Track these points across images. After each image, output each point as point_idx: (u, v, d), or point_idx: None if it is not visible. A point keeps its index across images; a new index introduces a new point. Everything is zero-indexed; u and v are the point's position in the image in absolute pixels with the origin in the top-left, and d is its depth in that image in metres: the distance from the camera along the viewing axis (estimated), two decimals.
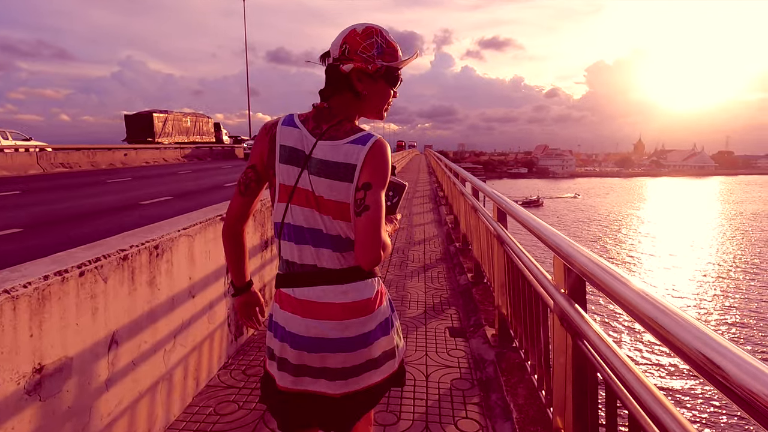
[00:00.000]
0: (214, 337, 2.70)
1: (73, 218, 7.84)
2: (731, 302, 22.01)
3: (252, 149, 1.25)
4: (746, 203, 71.06)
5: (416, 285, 4.47)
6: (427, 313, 3.71)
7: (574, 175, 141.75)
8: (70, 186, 12.72)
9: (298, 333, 1.17)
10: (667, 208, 63.70)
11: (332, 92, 1.19)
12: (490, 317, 3.46)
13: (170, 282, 2.21)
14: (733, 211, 60.78)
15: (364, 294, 1.18)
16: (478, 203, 4.19)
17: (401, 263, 5.33)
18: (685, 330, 0.81)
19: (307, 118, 1.19)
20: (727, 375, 0.68)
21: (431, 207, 10.45)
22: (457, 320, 3.57)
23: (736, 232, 43.68)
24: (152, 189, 12.65)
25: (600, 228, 46.88)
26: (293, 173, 1.16)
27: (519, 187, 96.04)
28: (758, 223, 50.37)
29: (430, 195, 12.96)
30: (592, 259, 1.39)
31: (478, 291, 4.07)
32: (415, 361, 2.88)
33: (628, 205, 67.84)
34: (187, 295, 2.39)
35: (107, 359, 1.78)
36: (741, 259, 31.81)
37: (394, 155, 26.59)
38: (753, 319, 19.41)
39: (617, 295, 1.13)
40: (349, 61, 1.15)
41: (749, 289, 24.14)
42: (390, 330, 1.24)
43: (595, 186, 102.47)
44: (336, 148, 1.14)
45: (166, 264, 2.18)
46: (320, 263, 1.16)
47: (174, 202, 10.43)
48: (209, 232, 2.63)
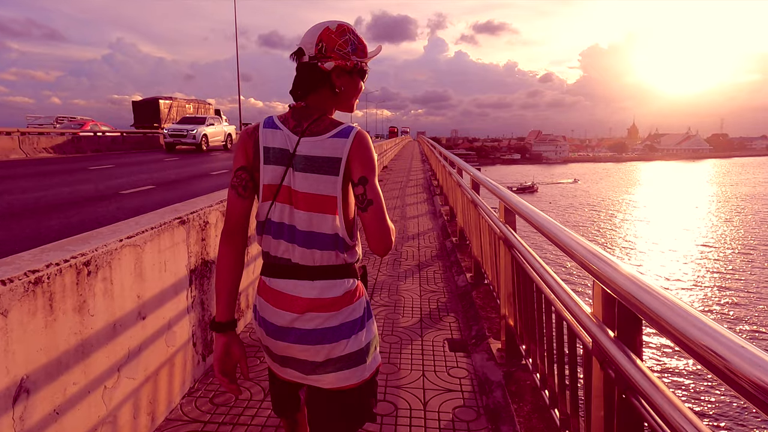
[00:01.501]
0: (175, 361, 2.30)
1: (41, 209, 7.33)
2: (727, 283, 22.03)
3: (236, 154, 1.24)
4: (740, 185, 71.30)
5: (411, 287, 4.08)
6: (423, 322, 3.33)
7: (568, 160, 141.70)
8: (49, 173, 12.13)
9: (269, 320, 1.21)
10: (661, 192, 63.77)
11: (310, 90, 1.21)
12: (494, 327, 3.09)
13: (109, 305, 1.79)
14: (728, 194, 60.95)
15: (332, 293, 1.18)
16: (479, 198, 3.78)
17: (394, 261, 4.93)
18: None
19: (287, 118, 1.22)
20: None
21: (425, 197, 10.04)
22: (456, 330, 3.19)
23: (730, 215, 43.74)
24: (135, 177, 12.12)
25: (594, 213, 46.81)
26: (278, 172, 1.18)
27: (512, 173, 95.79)
28: (752, 204, 50.49)
29: (424, 184, 12.53)
30: (656, 294, 1.00)
31: (479, 294, 3.69)
32: (411, 384, 2.50)
33: (621, 190, 67.85)
34: (136, 317, 1.97)
35: (11, 415, 1.37)
36: (735, 240, 31.84)
37: (386, 142, 25.88)
38: (747, 300, 19.43)
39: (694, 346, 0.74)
40: (327, 59, 1.17)
41: (744, 270, 24.17)
42: (358, 332, 1.21)
43: (588, 171, 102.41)
44: (319, 143, 1.16)
45: (103, 283, 1.76)
46: (294, 258, 1.18)
47: (157, 191, 9.94)
48: (165, 240, 2.21)
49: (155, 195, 9.15)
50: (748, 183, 74.90)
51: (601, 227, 39.11)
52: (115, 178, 11.56)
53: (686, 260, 27.03)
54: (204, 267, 2.64)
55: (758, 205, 49.65)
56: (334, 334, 1.17)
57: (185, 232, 2.43)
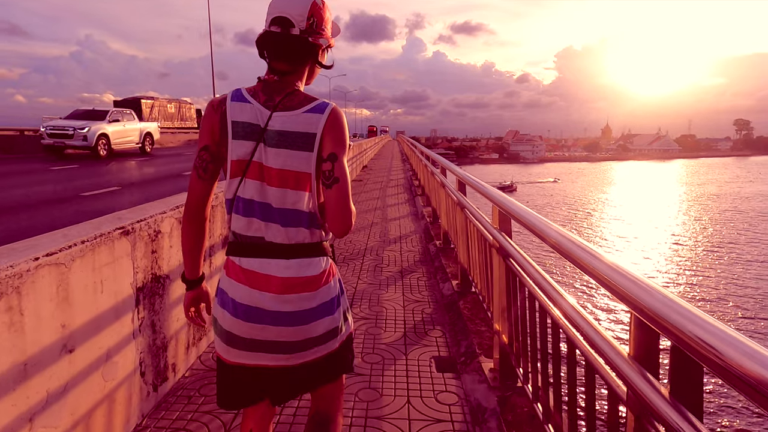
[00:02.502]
0: (116, 397, 1.94)
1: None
2: (697, 280, 22.53)
3: (201, 129, 1.20)
4: (707, 185, 73.49)
5: (393, 297, 3.77)
6: (407, 337, 3.02)
7: (544, 160, 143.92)
8: (3, 174, 11.36)
9: (240, 300, 1.15)
10: (634, 191, 65.24)
11: (298, 64, 1.17)
12: (484, 342, 2.81)
13: (17, 342, 1.43)
14: (696, 193, 62.74)
15: (308, 271, 1.15)
16: (466, 200, 3.51)
17: (375, 267, 4.62)
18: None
19: (256, 91, 1.17)
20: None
21: (407, 198, 9.75)
22: (444, 346, 2.90)
23: (698, 214, 45.00)
24: (101, 178, 11.47)
25: (572, 212, 47.49)
26: (248, 148, 1.13)
27: (491, 172, 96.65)
28: (719, 204, 52.05)
29: (405, 185, 12.25)
30: (730, 339, 0.72)
31: (467, 304, 3.41)
32: (394, 414, 2.19)
33: (597, 189, 69.14)
34: (59, 351, 1.61)
35: None
36: (703, 239, 32.71)
37: (365, 142, 25.58)
38: (716, 295, 19.90)
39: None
40: (319, 35, 1.16)
41: (712, 267, 24.81)
42: (335, 310, 1.20)
43: (564, 170, 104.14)
44: (293, 118, 1.13)
45: (7, 314, 1.40)
46: (267, 237, 1.15)
47: (123, 193, 9.38)
48: (102, 255, 1.85)
49: (123, 197, 8.61)
50: (714, 183, 77.28)
51: (579, 225, 39.71)
52: (80, 179, 10.87)
53: (661, 258, 27.61)
54: (156, 283, 2.27)
55: (725, 205, 51.23)
56: (313, 314, 1.15)
57: (130, 245, 2.06)
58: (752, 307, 18.38)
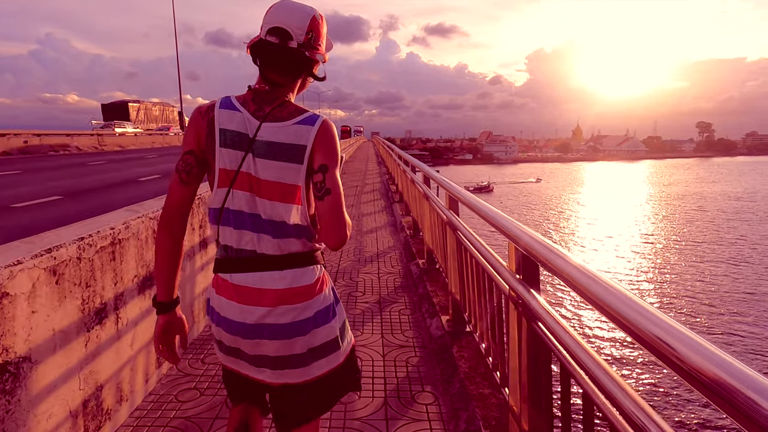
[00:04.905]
0: None
1: None
2: (664, 278, 22.88)
3: (186, 134, 1.16)
4: (672, 185, 75.56)
5: (370, 341, 3.03)
6: (388, 406, 2.29)
7: (517, 160, 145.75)
8: None
9: (233, 318, 1.13)
10: (604, 191, 66.45)
11: (294, 76, 1.16)
12: (490, 414, 2.12)
13: None
14: (663, 193, 64.35)
15: (302, 281, 1.14)
16: (460, 221, 2.82)
17: (348, 297, 3.87)
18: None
19: (246, 100, 1.16)
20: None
21: (383, 205, 9.03)
22: (437, 420, 2.19)
23: (664, 213, 46.01)
24: (42, 185, 10.33)
25: (545, 212, 47.81)
26: (236, 157, 1.11)
27: (465, 173, 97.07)
28: (683, 203, 53.39)
29: (381, 190, 11.52)
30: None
31: (462, 351, 2.71)
32: None
33: (568, 189, 70.10)
34: None
35: None
36: (670, 238, 33.39)
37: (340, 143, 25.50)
38: (684, 293, 20.29)
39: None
40: (316, 50, 1.17)
41: (676, 264, 25.30)
42: (331, 319, 1.19)
43: (537, 171, 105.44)
44: (283, 129, 1.12)
45: None
46: (259, 249, 1.13)
47: (63, 203, 8.35)
48: None
49: (60, 208, 7.60)
50: (680, 183, 79.58)
51: (554, 225, 39.94)
52: (17, 186, 9.76)
53: (629, 255, 28.00)
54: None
55: (689, 204, 52.65)
56: (309, 324, 1.14)
57: None
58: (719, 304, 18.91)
